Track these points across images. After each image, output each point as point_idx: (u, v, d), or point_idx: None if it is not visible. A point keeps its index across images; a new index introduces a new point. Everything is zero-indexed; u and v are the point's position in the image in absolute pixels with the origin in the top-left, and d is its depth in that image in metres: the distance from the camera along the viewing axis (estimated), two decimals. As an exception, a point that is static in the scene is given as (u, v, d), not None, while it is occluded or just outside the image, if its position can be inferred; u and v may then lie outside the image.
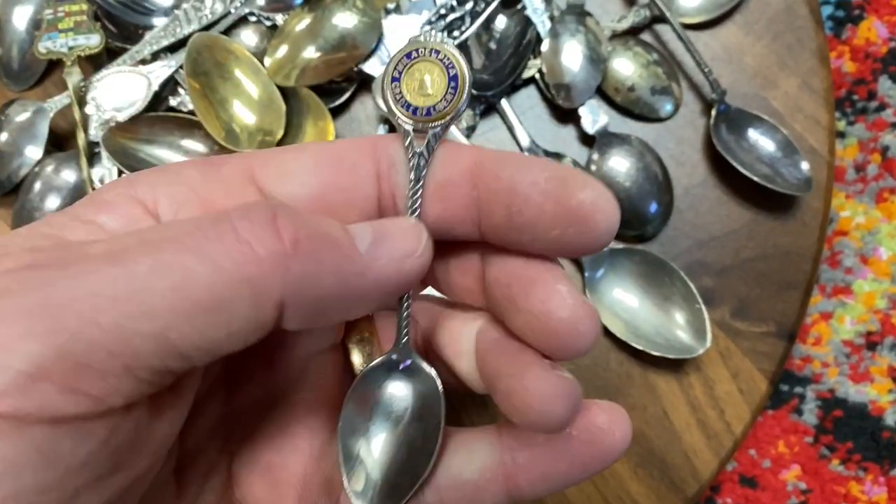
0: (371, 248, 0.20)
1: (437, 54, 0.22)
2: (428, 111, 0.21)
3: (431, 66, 0.22)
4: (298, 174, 0.21)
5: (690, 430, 0.46)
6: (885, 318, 0.55)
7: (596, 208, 0.20)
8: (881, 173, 0.56)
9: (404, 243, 0.20)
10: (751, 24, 0.50)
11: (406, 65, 0.22)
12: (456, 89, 0.21)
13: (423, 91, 0.22)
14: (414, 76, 0.22)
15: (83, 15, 0.46)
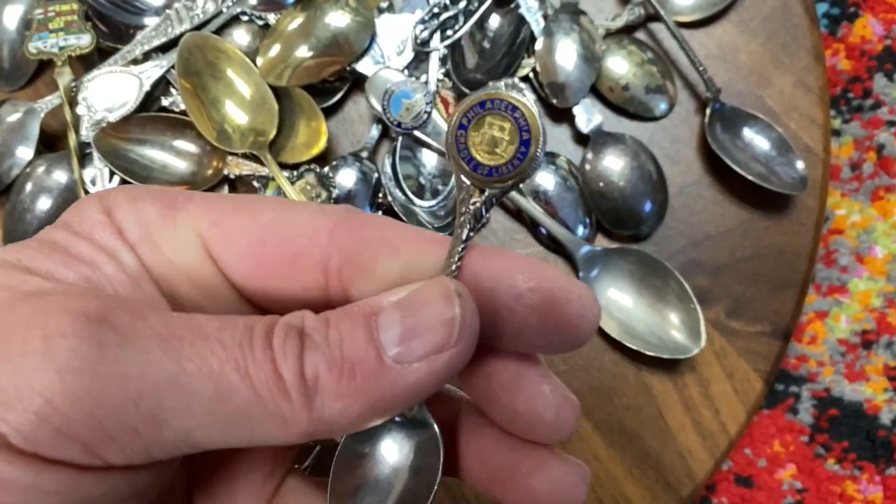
0: (401, 351, 0.19)
1: (513, 111, 0.19)
2: (490, 172, 0.20)
3: (504, 121, 0.19)
4: (240, 248, 0.21)
5: (685, 431, 0.45)
6: (880, 317, 0.55)
7: (582, 320, 0.20)
8: (876, 171, 0.56)
9: (435, 334, 0.19)
10: (745, 23, 0.49)
11: (478, 114, 0.19)
12: (525, 155, 0.19)
13: (491, 148, 0.20)
14: (483, 129, 0.20)
15: (74, 15, 0.46)
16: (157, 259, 0.21)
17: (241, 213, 0.22)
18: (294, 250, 0.21)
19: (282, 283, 0.22)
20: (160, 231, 0.21)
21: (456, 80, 0.45)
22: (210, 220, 0.22)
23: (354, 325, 0.19)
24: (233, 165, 0.46)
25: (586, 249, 0.45)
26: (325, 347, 0.19)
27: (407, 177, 0.45)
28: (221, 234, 0.22)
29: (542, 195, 0.46)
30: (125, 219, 0.21)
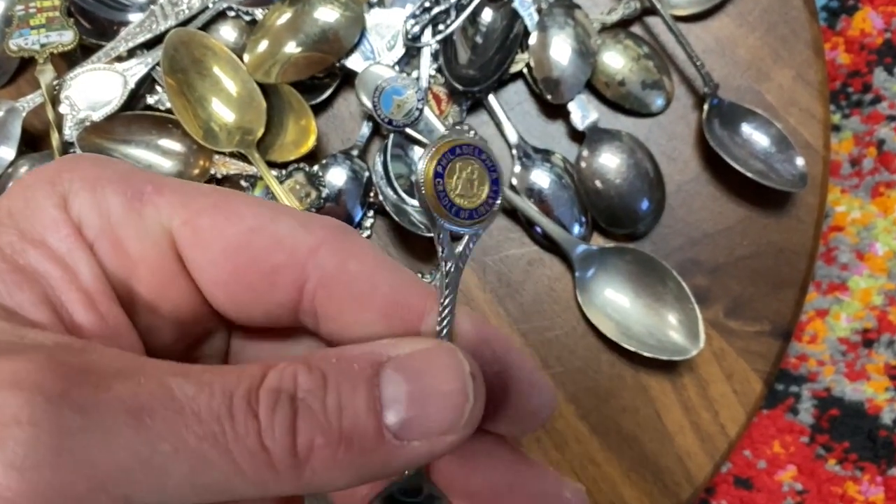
0: (403, 427, 0.18)
1: (479, 153, 0.20)
2: (471, 214, 0.20)
3: (472, 165, 0.20)
4: (214, 253, 0.20)
5: (684, 433, 0.45)
6: (881, 315, 0.54)
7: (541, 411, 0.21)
8: (877, 167, 0.55)
9: (444, 417, 0.18)
10: (744, 16, 0.48)
11: (450, 160, 0.20)
12: (497, 192, 0.20)
13: (468, 193, 0.20)
14: (456, 175, 0.20)
15: (55, 11, 0.45)
16: (117, 257, 0.20)
17: (219, 213, 0.20)
18: (272, 264, 0.20)
19: (253, 294, 0.21)
20: (122, 225, 0.20)
21: (448, 76, 0.45)
22: (183, 216, 0.20)
23: (356, 390, 0.17)
24: (220, 164, 0.45)
25: (582, 248, 0.44)
26: (323, 417, 0.17)
27: (398, 175, 0.44)
28: (195, 234, 0.20)
29: (537, 194, 0.45)
30: (83, 211, 0.20)
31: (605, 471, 0.44)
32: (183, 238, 0.20)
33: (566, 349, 0.45)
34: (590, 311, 0.44)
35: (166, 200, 0.20)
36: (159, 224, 0.20)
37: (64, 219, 0.19)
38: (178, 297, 0.21)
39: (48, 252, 0.19)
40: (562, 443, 0.45)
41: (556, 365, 0.45)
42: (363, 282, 0.20)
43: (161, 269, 0.21)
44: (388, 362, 0.18)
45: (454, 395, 0.18)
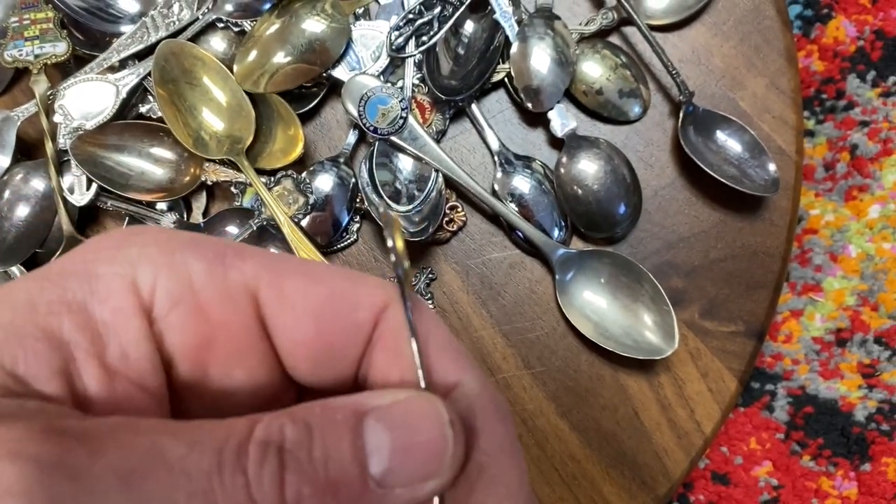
0: (386, 475, 0.18)
1: None
2: None
3: None
4: (300, 313, 0.21)
5: (661, 430, 0.46)
6: (854, 315, 0.55)
7: None
8: (850, 171, 0.56)
9: (426, 465, 0.18)
10: (718, 25, 0.50)
11: None
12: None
13: None
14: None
15: (49, 23, 0.46)
16: (196, 322, 0.20)
17: (302, 276, 0.21)
18: (355, 322, 0.21)
19: (331, 353, 0.21)
20: (206, 289, 0.20)
21: (431, 86, 0.46)
22: (267, 279, 0.20)
23: (341, 439, 0.18)
24: (210, 172, 0.46)
25: (562, 252, 0.46)
26: (310, 468, 0.17)
27: (384, 182, 0.45)
28: (280, 295, 0.21)
29: (518, 199, 0.47)
30: (160, 277, 0.20)
31: (585, 467, 0.46)
32: (269, 300, 0.21)
33: (547, 349, 0.47)
34: (569, 313, 0.46)
35: (250, 264, 0.21)
36: (244, 286, 0.20)
37: (117, 287, 0.19)
38: (256, 363, 0.21)
39: (83, 320, 0.19)
40: (542, 440, 0.46)
41: (536, 365, 0.47)
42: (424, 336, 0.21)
43: (243, 334, 0.21)
44: (371, 412, 0.18)
45: (434, 443, 0.18)
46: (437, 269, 0.47)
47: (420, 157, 0.46)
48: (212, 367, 0.21)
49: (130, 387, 0.19)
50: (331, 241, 0.47)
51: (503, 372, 0.46)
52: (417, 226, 0.45)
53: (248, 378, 0.21)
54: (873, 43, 0.57)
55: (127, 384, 0.19)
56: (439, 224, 0.46)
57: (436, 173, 0.46)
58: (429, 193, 0.45)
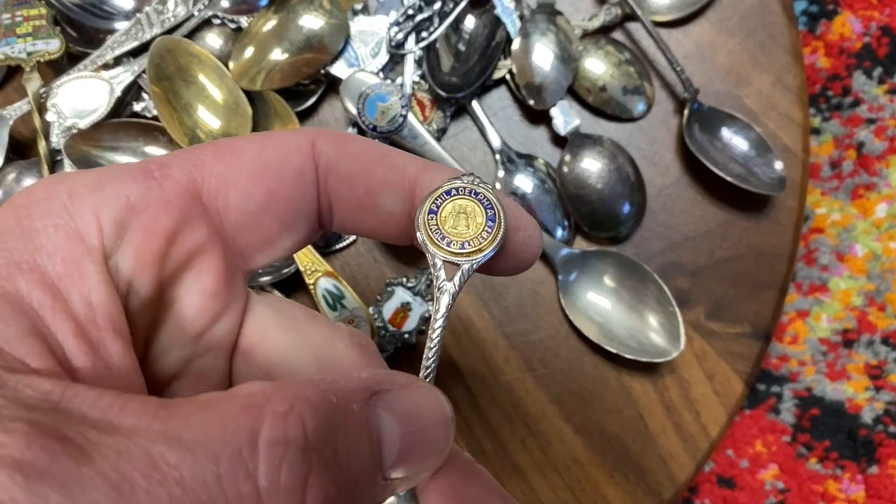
0: (393, 466, 0.18)
1: (476, 195, 0.21)
2: (462, 245, 0.21)
3: (469, 203, 0.21)
4: (244, 185, 0.21)
5: (666, 433, 0.45)
6: (861, 316, 0.54)
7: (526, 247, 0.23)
8: (856, 170, 0.56)
9: (431, 459, 0.19)
10: (723, 22, 0.49)
11: (444, 200, 0.21)
12: (493, 228, 0.21)
13: (457, 226, 0.21)
14: (450, 211, 0.21)
15: (42, 19, 0.45)
16: (148, 239, 0.20)
17: (226, 156, 0.21)
18: (294, 167, 0.22)
19: (283, 206, 0.22)
20: (147, 204, 0.20)
21: (431, 83, 0.45)
22: (200, 172, 0.21)
23: (360, 432, 0.17)
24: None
25: (565, 252, 0.45)
26: (335, 467, 0.16)
27: (383, 181, 0.44)
28: (218, 182, 0.21)
29: (520, 198, 0.46)
30: (100, 209, 0.19)
31: (589, 471, 0.45)
32: (210, 191, 0.21)
33: (550, 352, 0.46)
34: (573, 314, 0.45)
35: (177, 169, 0.21)
36: (183, 189, 0.20)
37: (60, 238, 0.19)
38: (211, 264, 0.21)
39: (37, 277, 0.18)
40: (546, 444, 0.45)
41: (539, 367, 0.46)
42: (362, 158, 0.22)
43: (195, 237, 0.21)
44: (380, 400, 0.18)
45: (439, 439, 0.19)
46: (437, 269, 0.46)
47: (421, 155, 0.45)
48: (170, 282, 0.21)
49: (103, 334, 0.19)
50: (329, 242, 0.46)
51: (505, 374, 0.46)
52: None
53: (205, 282, 0.21)
54: (879, 39, 0.56)
55: (99, 332, 0.19)
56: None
57: (436, 172, 0.45)
58: (429, 193, 0.45)
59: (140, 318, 0.21)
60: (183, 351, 0.22)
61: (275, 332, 0.23)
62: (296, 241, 0.23)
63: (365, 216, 0.23)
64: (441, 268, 0.21)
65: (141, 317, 0.21)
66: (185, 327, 0.22)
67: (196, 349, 0.22)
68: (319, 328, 0.24)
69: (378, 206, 0.22)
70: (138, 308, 0.21)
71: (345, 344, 0.23)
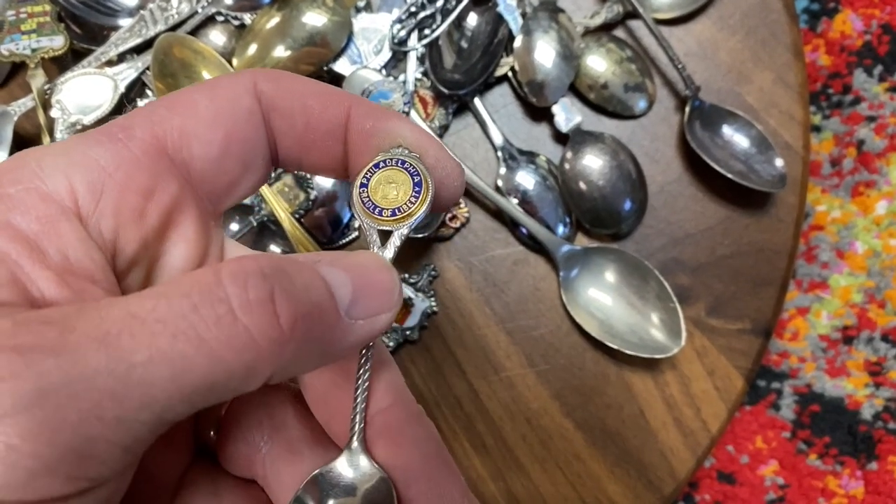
0: (351, 308, 0.20)
1: (403, 164, 0.23)
2: (393, 212, 0.23)
3: (398, 172, 0.23)
4: (203, 133, 0.22)
5: (667, 429, 0.46)
6: (861, 312, 0.55)
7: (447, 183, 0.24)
8: (856, 167, 0.56)
9: (382, 299, 0.21)
10: (725, 19, 0.49)
11: (374, 172, 0.23)
12: (419, 195, 0.23)
13: (388, 195, 0.23)
14: (381, 182, 0.23)
15: (46, 16, 0.45)
16: (123, 196, 0.21)
17: (180, 109, 0.22)
18: (246, 109, 0.23)
19: (247, 147, 0.23)
20: (117, 165, 0.21)
21: (434, 80, 0.45)
22: (160, 132, 0.22)
23: (312, 276, 0.19)
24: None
25: (566, 249, 0.45)
26: (298, 292, 0.18)
27: (385, 177, 0.44)
28: (180, 133, 0.22)
29: (521, 195, 0.46)
30: (70, 174, 0.20)
31: (590, 466, 0.45)
32: (174, 143, 0.22)
33: (551, 348, 0.46)
34: (574, 310, 0.45)
35: (139, 129, 0.21)
36: (151, 145, 0.21)
37: (33, 199, 0.19)
38: (190, 218, 0.22)
39: (12, 233, 0.19)
40: (547, 439, 0.45)
41: (541, 363, 0.46)
42: (299, 94, 0.23)
43: (170, 193, 0.21)
44: (322, 261, 0.20)
45: (385, 282, 0.21)
46: (439, 266, 0.47)
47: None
48: (154, 237, 0.22)
49: (83, 283, 0.20)
50: (332, 238, 0.46)
51: (507, 370, 0.46)
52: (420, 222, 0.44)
53: (187, 232, 0.22)
54: (880, 37, 0.56)
55: (78, 282, 0.19)
56: (442, 221, 0.46)
57: (439, 169, 0.45)
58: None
59: (131, 279, 0.22)
60: None
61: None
62: (257, 179, 0.24)
63: (306, 151, 0.24)
64: (376, 236, 0.23)
65: (132, 277, 0.22)
66: (175, 275, 0.22)
67: None
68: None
69: (317, 142, 0.24)
70: (126, 267, 0.21)
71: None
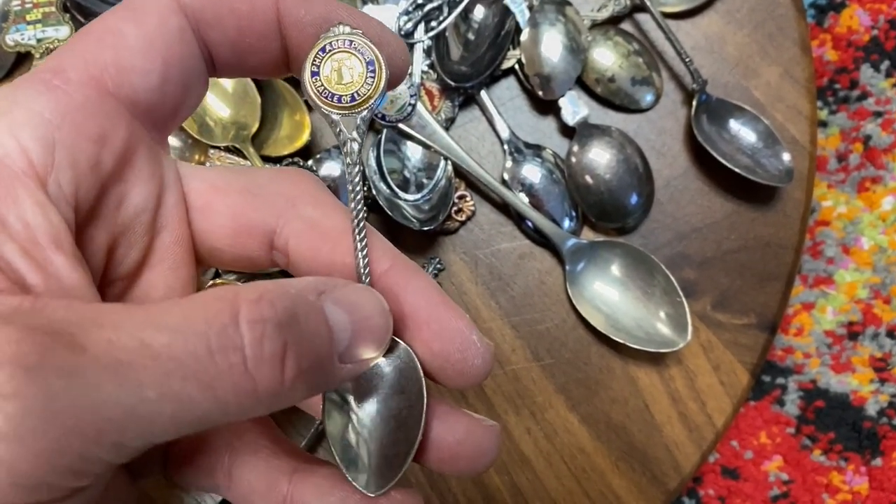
0: (345, 353, 0.20)
1: (349, 44, 0.22)
2: (352, 97, 0.22)
3: (347, 55, 0.22)
4: (140, 65, 0.21)
5: (672, 423, 0.45)
6: (866, 308, 0.55)
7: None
8: (863, 162, 0.56)
9: (373, 345, 0.21)
10: (732, 13, 0.49)
11: (322, 58, 0.22)
12: (374, 73, 0.22)
13: (342, 80, 0.22)
14: (332, 67, 0.22)
15: (51, 6, 0.45)
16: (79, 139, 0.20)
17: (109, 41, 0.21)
18: (176, 28, 0.22)
19: (184, 67, 0.22)
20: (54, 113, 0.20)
21: (440, 72, 0.45)
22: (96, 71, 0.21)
23: (318, 320, 0.19)
24: (215, 159, 0.45)
25: (572, 242, 0.45)
26: (306, 343, 0.19)
27: (391, 170, 0.44)
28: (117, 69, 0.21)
29: (528, 188, 0.46)
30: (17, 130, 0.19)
31: (595, 460, 0.45)
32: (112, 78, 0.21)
33: (557, 341, 0.46)
34: (580, 304, 0.45)
35: (71, 70, 0.21)
36: (88, 87, 0.21)
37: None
38: (142, 148, 0.22)
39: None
40: (552, 433, 0.45)
41: (546, 357, 0.46)
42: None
43: (118, 126, 0.21)
44: (327, 295, 0.20)
45: (380, 327, 0.21)
46: (445, 259, 0.47)
47: (428, 145, 0.45)
48: (111, 180, 0.21)
49: (47, 252, 0.19)
50: (337, 230, 0.46)
51: (512, 364, 0.46)
52: (426, 215, 0.44)
53: (143, 169, 0.22)
54: (887, 32, 0.56)
55: (43, 251, 0.19)
56: (448, 213, 0.45)
57: (444, 161, 0.45)
58: (437, 182, 0.45)
59: (97, 227, 0.21)
60: (146, 237, 0.23)
61: (218, 177, 0.24)
62: (198, 96, 0.24)
63: (243, 57, 0.23)
64: (340, 124, 0.22)
65: (97, 225, 0.21)
66: (139, 215, 0.22)
67: (156, 230, 0.23)
68: (256, 170, 0.26)
69: (253, 45, 0.23)
70: (86, 218, 0.21)
71: (285, 179, 0.25)
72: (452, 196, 0.45)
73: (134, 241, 0.23)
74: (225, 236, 0.24)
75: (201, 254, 0.24)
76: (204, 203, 0.24)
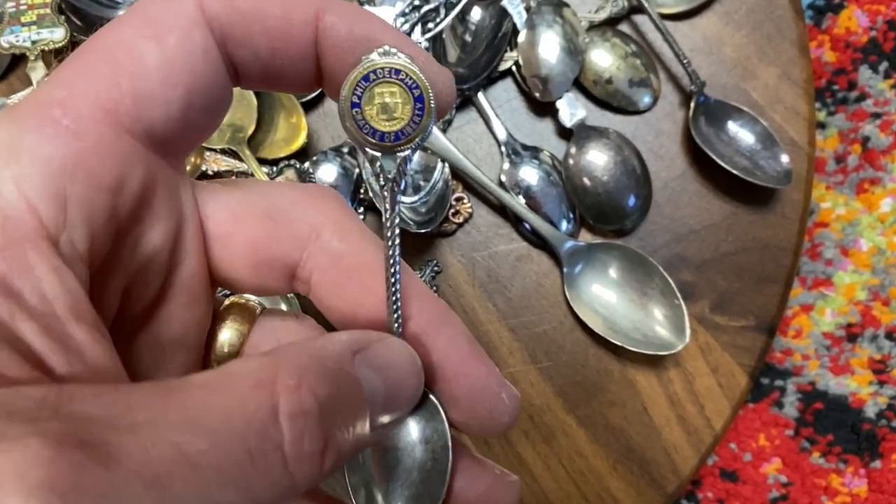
0: (380, 414, 0.20)
1: (397, 74, 0.20)
2: (397, 136, 0.20)
3: (392, 86, 0.20)
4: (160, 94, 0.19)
5: (670, 426, 0.45)
6: (865, 310, 0.54)
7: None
8: (861, 164, 0.56)
9: (403, 408, 0.21)
10: (730, 14, 0.49)
11: (363, 87, 0.20)
12: (423, 110, 0.20)
13: (388, 115, 0.20)
14: (375, 100, 0.20)
15: (46, 8, 0.45)
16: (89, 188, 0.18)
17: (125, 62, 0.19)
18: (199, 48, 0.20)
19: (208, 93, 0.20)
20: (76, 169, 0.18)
21: (437, 74, 0.45)
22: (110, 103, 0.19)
23: (357, 398, 0.19)
24: (211, 161, 0.45)
25: (570, 244, 0.45)
26: (349, 433, 0.18)
27: (388, 172, 0.44)
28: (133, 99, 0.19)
29: (525, 190, 0.46)
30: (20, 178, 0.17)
31: (593, 463, 0.45)
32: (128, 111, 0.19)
33: (554, 344, 0.46)
34: (577, 307, 0.45)
35: (83, 103, 0.19)
36: (100, 124, 0.19)
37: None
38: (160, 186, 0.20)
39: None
40: (550, 436, 0.45)
41: (544, 359, 0.46)
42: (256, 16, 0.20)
43: (135, 168, 0.19)
44: (362, 358, 0.19)
45: (414, 389, 0.21)
46: (442, 261, 0.46)
47: (425, 147, 0.45)
48: (128, 225, 0.19)
49: (67, 326, 0.17)
50: (334, 233, 0.46)
51: (510, 367, 0.46)
52: (423, 217, 0.44)
53: (159, 208, 0.20)
54: (886, 33, 0.56)
55: (62, 325, 0.17)
56: (445, 216, 0.45)
57: (441, 163, 0.45)
58: (434, 184, 0.45)
59: (111, 276, 0.20)
60: (163, 275, 0.21)
61: (237, 203, 0.22)
62: (222, 116, 0.22)
63: (272, 78, 0.21)
64: (379, 161, 0.20)
65: (111, 273, 0.20)
66: (157, 255, 0.21)
67: (172, 264, 0.22)
68: (279, 190, 0.23)
69: (286, 67, 0.21)
70: (103, 266, 0.19)
71: (310, 204, 0.23)
72: (450, 198, 0.45)
73: (150, 280, 0.21)
74: (243, 267, 0.22)
75: (218, 281, 0.23)
76: (223, 233, 0.22)
